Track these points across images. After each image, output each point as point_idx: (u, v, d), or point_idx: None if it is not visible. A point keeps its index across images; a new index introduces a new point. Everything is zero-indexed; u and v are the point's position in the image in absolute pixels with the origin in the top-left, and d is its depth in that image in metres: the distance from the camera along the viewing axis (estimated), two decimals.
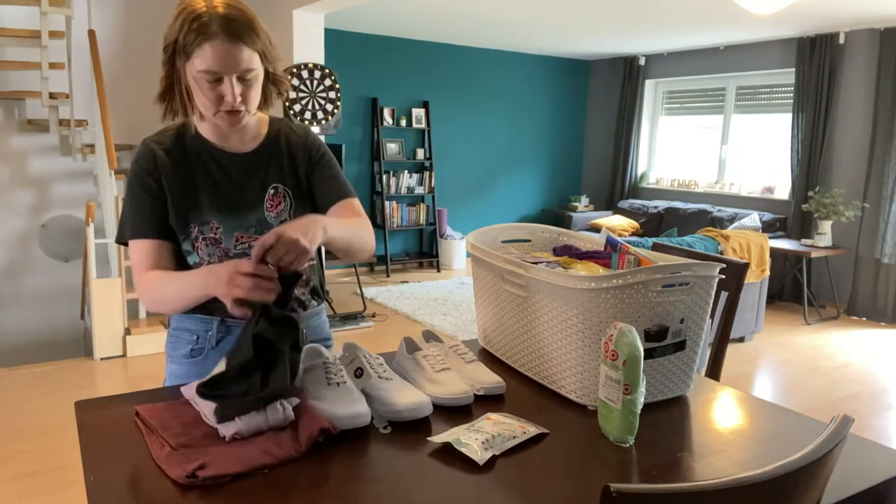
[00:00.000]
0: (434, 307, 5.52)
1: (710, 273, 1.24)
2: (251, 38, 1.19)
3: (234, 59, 1.17)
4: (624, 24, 5.83)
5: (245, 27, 1.18)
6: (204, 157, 1.33)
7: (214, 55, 1.16)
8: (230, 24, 1.16)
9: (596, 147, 8.35)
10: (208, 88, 1.20)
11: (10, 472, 2.78)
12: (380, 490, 0.93)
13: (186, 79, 1.22)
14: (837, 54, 5.80)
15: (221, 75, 1.19)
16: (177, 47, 1.19)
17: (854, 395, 3.90)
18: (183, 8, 1.18)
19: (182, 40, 1.17)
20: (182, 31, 1.17)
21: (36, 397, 3.60)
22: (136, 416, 1.13)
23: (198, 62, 1.17)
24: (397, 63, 6.96)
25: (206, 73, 1.18)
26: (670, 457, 1.05)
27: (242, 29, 1.18)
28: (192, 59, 1.18)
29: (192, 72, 1.19)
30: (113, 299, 4.23)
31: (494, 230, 1.63)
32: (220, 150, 1.34)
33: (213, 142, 1.34)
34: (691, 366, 1.30)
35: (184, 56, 1.19)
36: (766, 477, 0.65)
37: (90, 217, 4.29)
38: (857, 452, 1.07)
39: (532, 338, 1.33)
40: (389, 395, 1.15)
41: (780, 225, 6.18)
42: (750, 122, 6.74)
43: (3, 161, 5.03)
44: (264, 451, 1.00)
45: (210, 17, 1.16)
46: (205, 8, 1.17)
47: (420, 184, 7.15)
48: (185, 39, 1.17)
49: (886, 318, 5.53)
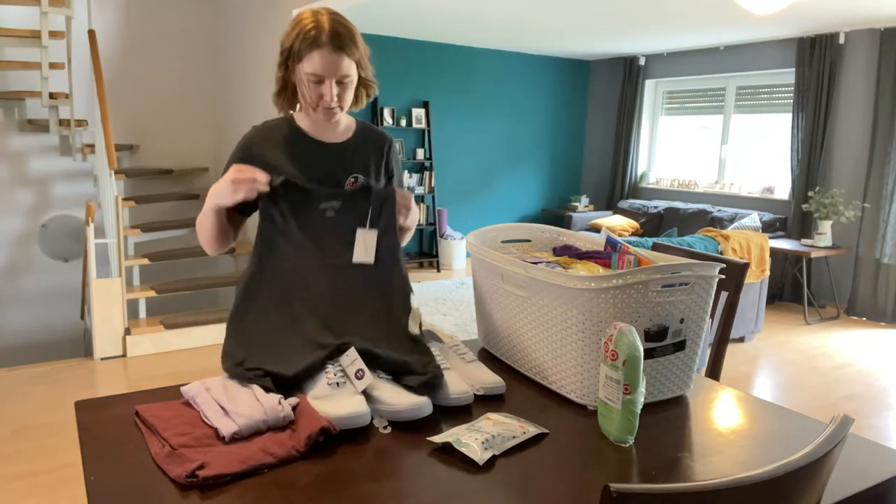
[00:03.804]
0: (434, 307, 5.52)
1: (710, 273, 1.24)
2: (351, 49, 1.43)
3: (335, 66, 1.42)
4: (624, 24, 5.83)
5: (347, 40, 1.43)
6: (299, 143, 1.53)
7: (321, 61, 1.40)
8: (336, 37, 1.41)
9: (596, 147, 8.35)
10: (312, 88, 1.44)
11: (10, 472, 2.78)
12: (380, 490, 0.93)
13: (295, 79, 1.47)
14: (837, 54, 5.80)
15: (324, 78, 1.42)
16: (291, 53, 1.44)
17: (854, 395, 3.90)
18: (298, 21, 1.44)
19: (296, 48, 1.42)
20: (297, 39, 1.42)
21: (36, 397, 3.60)
22: (136, 416, 1.13)
23: (306, 65, 1.42)
24: (397, 63, 6.96)
25: (312, 75, 1.42)
26: (670, 457, 1.05)
27: (345, 42, 1.42)
28: (302, 63, 1.42)
29: (300, 73, 1.44)
30: (113, 299, 4.23)
31: (494, 230, 1.63)
32: (313, 139, 1.55)
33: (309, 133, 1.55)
34: (691, 366, 1.30)
35: (296, 60, 1.43)
36: (766, 477, 0.65)
37: (90, 217, 4.28)
38: (857, 452, 1.07)
39: (532, 338, 1.33)
40: (389, 395, 1.15)
41: (780, 225, 6.18)
42: (750, 122, 6.74)
43: (3, 161, 5.03)
44: (264, 451, 1.00)
45: (319, 30, 1.40)
46: (316, 23, 1.41)
47: (420, 184, 7.15)
48: (298, 47, 1.42)
49: (886, 318, 5.53)
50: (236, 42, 5.34)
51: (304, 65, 1.42)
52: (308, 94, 1.45)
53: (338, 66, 1.42)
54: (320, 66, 1.41)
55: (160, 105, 5.67)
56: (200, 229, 1.50)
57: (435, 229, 7.28)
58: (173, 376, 3.92)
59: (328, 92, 1.43)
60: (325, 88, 1.43)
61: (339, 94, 1.46)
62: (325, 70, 1.41)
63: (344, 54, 1.42)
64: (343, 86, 1.46)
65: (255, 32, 4.95)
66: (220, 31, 5.67)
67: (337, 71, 1.42)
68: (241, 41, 5.22)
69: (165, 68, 5.64)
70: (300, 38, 1.42)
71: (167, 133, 5.72)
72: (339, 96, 1.46)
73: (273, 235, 1.40)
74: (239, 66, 5.33)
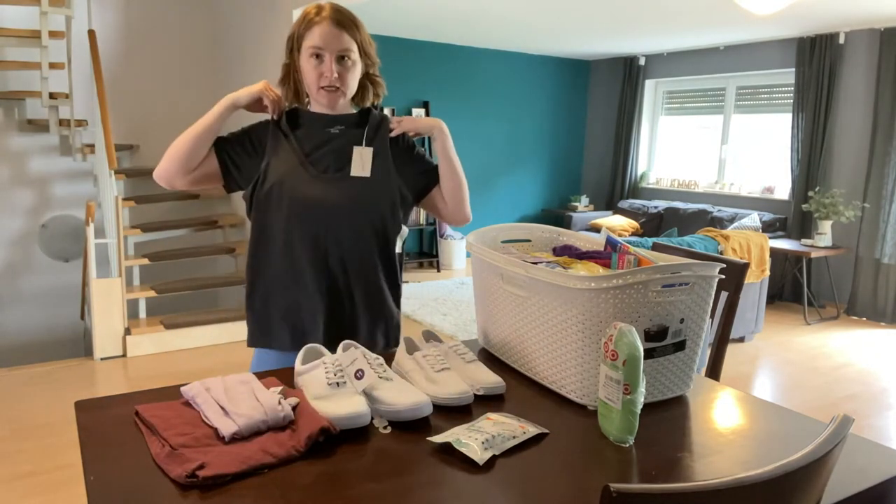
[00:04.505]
0: (434, 307, 5.52)
1: (710, 273, 1.24)
2: (352, 29, 1.47)
3: (335, 40, 1.44)
4: (624, 24, 5.83)
5: (349, 20, 1.47)
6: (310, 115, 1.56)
7: (321, 34, 1.44)
8: (337, 13, 1.46)
9: (596, 147, 8.35)
10: (312, 67, 1.46)
11: (10, 472, 2.78)
12: (380, 490, 0.93)
13: (298, 64, 1.50)
14: (837, 54, 5.80)
15: (323, 52, 1.45)
16: (294, 37, 1.48)
17: (854, 395, 3.90)
18: (304, 12, 1.49)
19: (299, 31, 1.47)
20: (300, 25, 1.47)
21: (36, 397, 3.60)
22: (136, 416, 1.13)
23: (307, 41, 1.46)
24: (397, 63, 6.95)
25: (311, 48, 1.44)
26: (670, 457, 1.05)
27: (346, 21, 1.46)
28: (304, 40, 1.46)
29: (303, 53, 1.47)
30: (113, 299, 4.23)
31: (494, 230, 1.63)
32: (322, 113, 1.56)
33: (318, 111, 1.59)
34: (691, 366, 1.30)
35: (298, 42, 1.47)
36: (766, 477, 0.65)
37: (90, 217, 4.28)
38: (857, 452, 1.07)
39: (532, 338, 1.33)
40: (389, 395, 1.15)
41: (780, 225, 6.18)
42: (750, 122, 6.74)
43: (3, 161, 5.03)
44: (264, 451, 0.99)
45: (320, 10, 1.46)
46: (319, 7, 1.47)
47: None
48: (300, 30, 1.46)
49: (886, 318, 5.53)
50: (236, 42, 5.34)
51: (305, 42, 1.45)
52: (310, 75, 1.47)
53: (338, 39, 1.44)
54: (319, 38, 1.43)
55: (160, 105, 5.67)
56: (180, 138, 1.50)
57: (435, 229, 7.28)
58: (173, 376, 3.92)
59: (328, 68, 1.45)
60: (325, 66, 1.45)
61: (339, 73, 1.47)
62: (324, 41, 1.43)
63: (344, 31, 1.45)
64: (343, 64, 1.47)
65: (254, 32, 4.95)
66: (220, 31, 5.67)
67: (337, 45, 1.44)
68: (241, 41, 5.22)
69: (165, 68, 5.64)
70: (303, 23, 1.46)
71: (167, 133, 5.72)
72: (339, 75, 1.47)
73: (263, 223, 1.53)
74: (239, 66, 5.33)
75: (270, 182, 1.49)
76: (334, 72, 1.45)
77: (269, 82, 1.52)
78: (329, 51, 1.44)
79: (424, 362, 1.28)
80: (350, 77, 1.50)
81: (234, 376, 1.21)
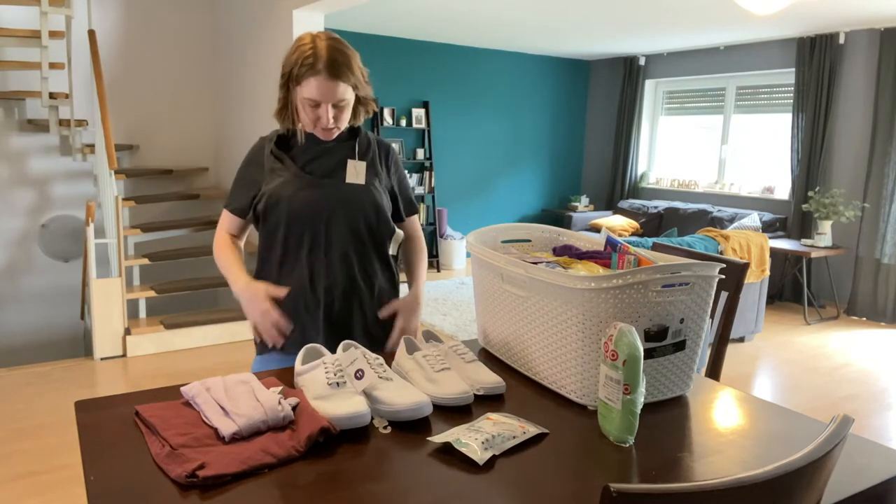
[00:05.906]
0: (434, 307, 5.52)
1: (710, 273, 1.24)
2: (347, 76, 1.50)
3: (331, 92, 1.49)
4: (624, 24, 5.83)
5: (344, 67, 1.49)
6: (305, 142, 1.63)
7: (318, 88, 1.48)
8: (332, 64, 1.47)
9: (596, 147, 8.35)
10: (310, 111, 1.52)
11: (10, 472, 2.78)
12: (380, 490, 0.93)
13: (295, 100, 1.55)
14: (837, 54, 5.80)
15: (320, 103, 1.50)
16: (291, 76, 1.51)
17: (854, 395, 3.90)
18: (298, 45, 1.50)
19: (296, 72, 1.49)
20: (296, 65, 1.49)
21: (36, 397, 3.60)
22: (136, 416, 1.13)
23: (304, 90, 1.49)
24: (397, 63, 6.95)
25: (309, 100, 1.50)
26: (670, 457, 1.05)
27: (341, 69, 1.49)
28: (300, 87, 1.50)
29: (299, 96, 1.52)
30: (113, 299, 4.23)
31: (494, 230, 1.63)
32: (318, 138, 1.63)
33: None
34: (691, 366, 1.30)
35: (295, 83, 1.51)
36: (766, 477, 0.65)
37: (90, 217, 4.28)
38: (857, 452, 1.07)
39: (532, 338, 1.32)
40: (389, 395, 1.15)
41: (780, 225, 6.18)
42: (750, 122, 6.74)
43: (3, 161, 5.03)
44: (264, 451, 0.99)
45: (317, 58, 1.47)
46: (314, 49, 1.48)
47: (420, 184, 7.15)
48: (297, 72, 1.49)
49: (886, 318, 5.53)
50: (236, 42, 5.33)
51: (303, 89, 1.50)
52: (308, 116, 1.54)
53: (333, 92, 1.49)
54: (317, 93, 1.48)
55: (160, 105, 5.67)
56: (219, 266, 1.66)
57: (435, 229, 7.28)
58: (173, 376, 3.92)
59: (325, 115, 1.52)
60: (322, 111, 1.52)
61: (335, 116, 1.54)
62: (322, 96, 1.49)
63: (340, 81, 1.49)
64: (339, 108, 1.54)
65: (254, 32, 4.95)
66: (220, 32, 5.67)
67: (333, 97, 1.50)
68: (241, 41, 5.22)
69: (165, 68, 5.64)
70: (299, 64, 1.49)
71: (167, 133, 5.72)
72: (335, 118, 1.54)
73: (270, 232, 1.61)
74: (239, 67, 5.33)
75: (269, 192, 1.59)
76: (331, 119, 1.53)
77: (260, 291, 1.54)
78: (325, 101, 1.50)
79: (424, 362, 1.28)
80: (345, 115, 1.57)
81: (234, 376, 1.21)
